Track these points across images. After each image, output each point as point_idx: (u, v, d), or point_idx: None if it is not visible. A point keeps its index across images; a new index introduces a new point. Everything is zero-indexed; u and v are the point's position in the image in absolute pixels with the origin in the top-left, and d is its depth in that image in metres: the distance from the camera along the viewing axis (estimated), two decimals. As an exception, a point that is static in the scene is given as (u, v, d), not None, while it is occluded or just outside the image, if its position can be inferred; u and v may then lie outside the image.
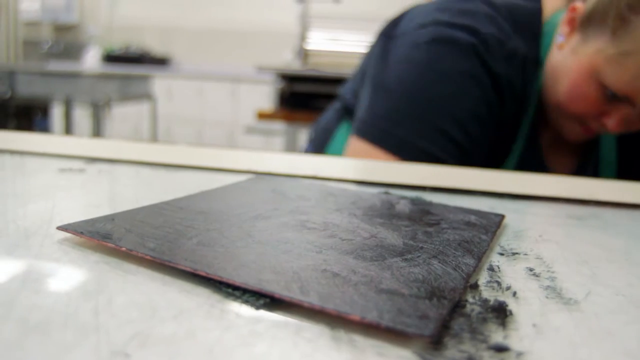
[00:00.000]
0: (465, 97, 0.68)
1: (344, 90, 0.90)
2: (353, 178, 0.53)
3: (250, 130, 3.03)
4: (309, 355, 0.19)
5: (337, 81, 2.08)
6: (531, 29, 0.72)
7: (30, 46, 4.61)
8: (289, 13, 4.13)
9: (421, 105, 0.68)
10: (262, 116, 2.29)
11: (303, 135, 2.47)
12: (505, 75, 0.68)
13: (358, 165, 0.62)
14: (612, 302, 0.26)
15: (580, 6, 0.66)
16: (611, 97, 0.64)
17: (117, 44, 4.62)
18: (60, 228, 0.30)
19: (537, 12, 0.73)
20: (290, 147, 2.38)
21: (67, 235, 0.30)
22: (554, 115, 0.73)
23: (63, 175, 0.46)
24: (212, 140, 4.31)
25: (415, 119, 0.68)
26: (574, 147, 0.80)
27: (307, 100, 2.27)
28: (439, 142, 0.67)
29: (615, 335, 0.23)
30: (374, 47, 0.79)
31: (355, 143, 0.72)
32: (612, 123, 0.66)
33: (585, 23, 0.65)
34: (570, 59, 0.67)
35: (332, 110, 0.92)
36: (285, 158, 0.63)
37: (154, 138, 3.83)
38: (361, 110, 0.74)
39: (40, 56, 4.64)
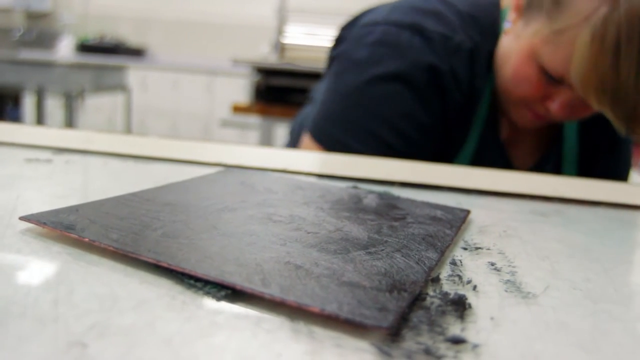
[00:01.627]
0: (397, 99, 0.71)
1: (314, 91, 0.91)
2: (323, 172, 0.53)
3: (225, 124, 3.02)
4: (268, 346, 0.19)
5: (314, 76, 2.08)
6: (489, 22, 0.74)
7: (1, 34, 4.52)
8: (266, 6, 4.11)
9: (354, 107, 0.72)
10: (238, 109, 2.28)
11: (278, 129, 2.47)
12: (448, 70, 0.70)
13: (328, 159, 0.63)
14: (569, 296, 0.27)
15: None
16: (551, 80, 0.66)
17: (92, 33, 4.55)
18: (22, 218, 0.29)
19: (495, 5, 0.75)
20: (265, 141, 2.37)
21: (30, 225, 0.30)
22: (505, 101, 0.75)
23: (29, 166, 0.46)
24: (187, 133, 4.28)
25: (348, 121, 0.72)
26: (537, 140, 0.81)
27: (282, 94, 2.26)
28: (369, 144, 0.70)
29: (570, 328, 0.23)
30: (334, 44, 0.82)
31: (305, 139, 0.76)
32: (555, 107, 0.67)
33: (527, 7, 0.67)
34: (514, 44, 0.69)
35: (309, 107, 0.93)
36: (255, 151, 0.63)
37: (128, 130, 3.79)
38: (316, 106, 0.79)
39: (12, 44, 4.55)
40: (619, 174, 0.84)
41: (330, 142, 0.72)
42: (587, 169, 0.81)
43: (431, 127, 0.72)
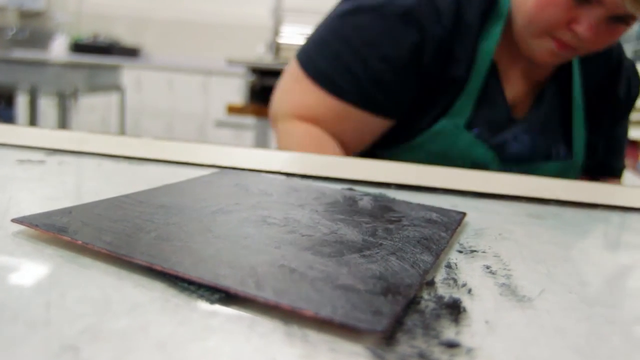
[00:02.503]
0: (367, 29, 0.75)
1: None
2: (318, 174, 0.53)
3: (220, 124, 3.01)
4: (261, 350, 0.19)
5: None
6: None
7: (-5, 33, 4.50)
8: (262, 6, 4.11)
9: (331, 33, 0.78)
10: (232, 110, 2.27)
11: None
12: (426, 4, 0.73)
13: (323, 161, 0.63)
14: (564, 300, 0.27)
15: None
16: (578, 0, 0.66)
17: (86, 32, 4.53)
18: (14, 220, 0.29)
19: None
20: (261, 142, 2.36)
21: (22, 228, 0.30)
22: (525, 40, 0.75)
23: (22, 167, 0.45)
24: (182, 134, 4.27)
25: (323, 43, 0.78)
26: (533, 85, 0.84)
27: (277, 94, 2.25)
28: (336, 68, 0.76)
29: (565, 332, 0.23)
30: None
31: (292, 64, 0.82)
32: (582, 29, 0.68)
33: None
34: None
35: None
36: (250, 153, 0.63)
37: (122, 130, 3.77)
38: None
39: (5, 43, 4.53)
40: (620, 148, 0.90)
41: (305, 59, 0.79)
42: (593, 118, 0.85)
43: (398, 60, 0.74)
